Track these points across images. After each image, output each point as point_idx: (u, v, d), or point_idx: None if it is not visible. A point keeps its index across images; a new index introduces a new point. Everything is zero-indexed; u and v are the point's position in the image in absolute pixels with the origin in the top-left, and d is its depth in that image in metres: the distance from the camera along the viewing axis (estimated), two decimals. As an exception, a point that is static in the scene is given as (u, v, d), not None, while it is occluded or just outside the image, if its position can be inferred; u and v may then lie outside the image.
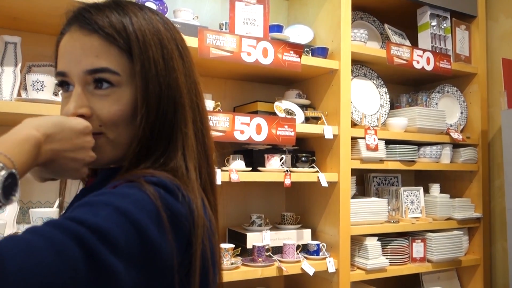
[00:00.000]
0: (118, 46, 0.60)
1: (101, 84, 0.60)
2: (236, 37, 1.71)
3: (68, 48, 0.61)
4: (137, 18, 0.61)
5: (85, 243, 0.43)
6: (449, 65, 2.31)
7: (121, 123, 0.60)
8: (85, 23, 0.60)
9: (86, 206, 0.49)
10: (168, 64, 0.62)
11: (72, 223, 0.45)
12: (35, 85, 1.42)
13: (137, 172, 0.58)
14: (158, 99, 0.60)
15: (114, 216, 0.47)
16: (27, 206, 1.60)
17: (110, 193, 0.52)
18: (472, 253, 2.46)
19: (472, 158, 2.42)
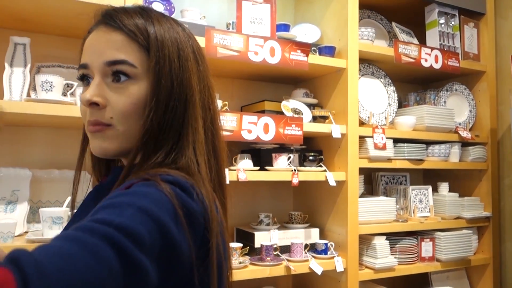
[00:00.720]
0: (138, 42, 0.64)
1: (119, 77, 0.63)
2: (243, 37, 1.71)
3: (93, 42, 0.66)
4: (159, 22, 0.66)
5: (115, 243, 0.45)
6: (458, 63, 2.29)
7: (133, 116, 0.63)
8: (111, 21, 0.65)
9: (109, 208, 0.50)
10: (182, 65, 0.65)
11: (100, 225, 0.47)
12: (44, 86, 1.43)
13: (152, 170, 0.60)
14: (168, 94, 0.63)
15: (138, 215, 0.49)
16: (37, 206, 1.61)
17: (131, 193, 0.53)
18: (482, 253, 2.44)
19: (481, 157, 2.40)
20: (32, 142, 1.72)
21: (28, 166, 1.62)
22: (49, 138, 1.75)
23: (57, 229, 1.40)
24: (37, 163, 1.71)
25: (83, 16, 1.56)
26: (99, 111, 0.64)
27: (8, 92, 1.46)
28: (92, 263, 0.43)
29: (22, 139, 1.70)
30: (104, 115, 0.63)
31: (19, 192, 1.55)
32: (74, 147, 1.87)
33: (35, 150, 1.72)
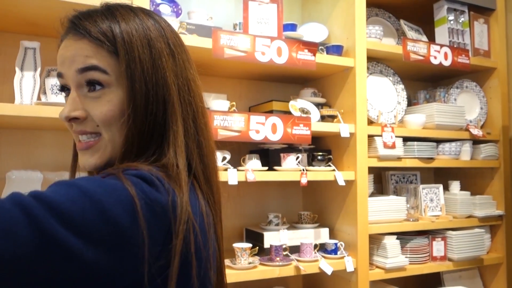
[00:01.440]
0: (105, 48, 0.61)
1: (94, 87, 0.62)
2: (250, 37, 1.71)
3: (63, 52, 0.64)
4: (125, 21, 0.63)
5: (29, 211, 0.44)
6: (468, 59, 2.27)
7: (114, 123, 0.62)
8: (76, 29, 0.63)
9: (51, 186, 0.50)
10: (155, 63, 0.62)
11: (26, 196, 0.46)
12: (54, 89, 1.45)
13: (120, 166, 0.59)
14: (145, 98, 0.61)
15: (73, 193, 0.48)
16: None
17: (81, 178, 0.52)
18: (495, 251, 2.41)
19: (493, 155, 2.37)
20: (43, 144, 1.74)
21: (39, 168, 1.64)
22: (59, 140, 1.77)
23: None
24: (48, 165, 1.73)
25: (91, 19, 1.58)
26: (82, 124, 0.64)
27: (19, 95, 1.48)
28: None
29: (33, 142, 1.73)
30: (88, 125, 0.63)
31: (30, 194, 1.57)
32: (84, 149, 1.89)
33: (46, 152, 1.75)
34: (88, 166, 0.65)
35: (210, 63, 1.84)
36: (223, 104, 1.78)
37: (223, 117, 1.65)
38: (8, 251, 0.42)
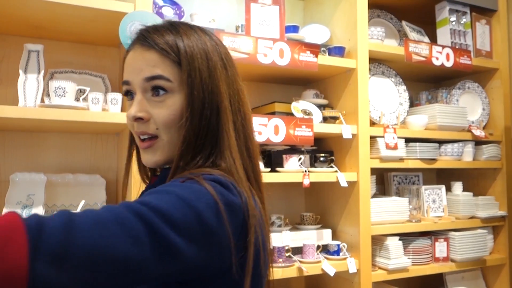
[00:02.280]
0: (170, 59, 0.70)
1: (158, 92, 0.70)
2: (252, 39, 1.72)
3: (131, 61, 0.72)
4: (187, 36, 0.72)
5: (146, 219, 0.52)
6: (470, 60, 2.27)
7: (173, 126, 0.70)
8: (145, 41, 0.71)
9: (151, 194, 0.58)
10: (212, 74, 0.70)
11: (137, 204, 0.54)
12: (57, 91, 1.46)
13: (195, 170, 0.67)
14: (201, 104, 0.69)
15: (174, 200, 0.56)
16: (52, 210, 1.64)
17: (173, 185, 0.61)
18: (497, 252, 2.41)
19: (495, 155, 2.37)
20: (47, 147, 1.75)
21: (43, 170, 1.65)
22: (63, 143, 1.78)
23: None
24: (52, 167, 1.74)
25: (95, 22, 1.58)
26: (144, 124, 0.71)
27: (23, 98, 1.49)
28: (119, 232, 0.49)
29: (37, 144, 1.74)
30: (150, 127, 0.71)
31: (34, 196, 1.58)
32: (87, 152, 1.91)
33: (50, 155, 1.75)
34: (150, 163, 0.73)
35: (213, 65, 1.84)
36: (226, 105, 1.78)
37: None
38: (138, 255, 0.50)
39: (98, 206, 1.72)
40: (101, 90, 1.76)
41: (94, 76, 1.79)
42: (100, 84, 1.79)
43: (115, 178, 1.84)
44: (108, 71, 1.84)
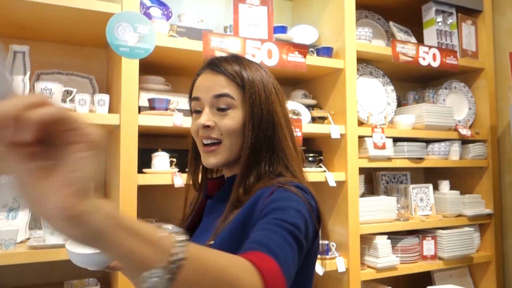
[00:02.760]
0: (236, 83, 0.88)
1: (223, 109, 0.87)
2: (240, 39, 1.72)
3: (203, 82, 0.90)
4: (249, 68, 0.90)
5: (293, 233, 0.69)
6: (456, 60, 2.30)
7: (234, 134, 0.87)
8: (216, 67, 0.89)
9: (279, 210, 0.73)
10: (267, 97, 0.89)
11: (283, 223, 0.70)
12: (44, 93, 1.45)
13: (279, 180, 0.82)
14: (259, 119, 0.87)
15: (296, 214, 0.73)
16: (39, 212, 1.62)
17: (283, 199, 0.76)
18: (484, 250, 2.44)
19: (481, 154, 2.41)
20: (33, 148, 1.73)
21: (29, 172, 1.63)
22: (50, 144, 1.76)
23: (59, 235, 1.41)
24: (39, 169, 1.72)
25: (82, 23, 1.57)
26: (210, 131, 0.87)
27: (8, 100, 1.47)
28: (289, 248, 0.67)
29: (23, 146, 1.72)
30: (214, 133, 0.87)
31: (20, 199, 1.56)
32: (75, 153, 1.88)
33: (36, 156, 1.73)
34: (210, 165, 0.89)
35: (201, 65, 1.84)
36: (214, 106, 1.78)
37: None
38: (296, 260, 0.68)
39: (86, 208, 1.70)
40: (89, 91, 1.75)
41: (81, 77, 1.78)
42: (88, 85, 1.78)
43: (102, 180, 1.82)
44: (96, 72, 1.83)
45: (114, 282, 1.51)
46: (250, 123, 0.86)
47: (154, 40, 1.55)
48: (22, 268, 1.64)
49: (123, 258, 0.43)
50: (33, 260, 1.36)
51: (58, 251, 1.39)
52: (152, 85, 1.80)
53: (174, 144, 1.96)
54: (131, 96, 1.52)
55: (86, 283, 1.56)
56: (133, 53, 1.51)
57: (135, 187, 1.50)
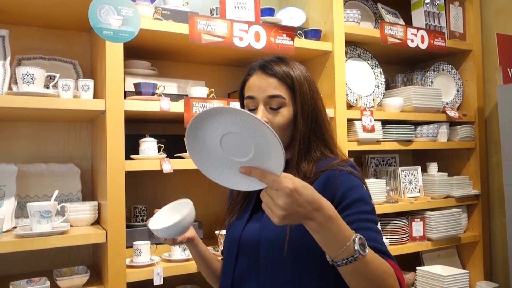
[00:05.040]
0: (286, 83, 1.01)
1: (275, 108, 1.00)
2: (227, 22, 1.69)
3: (257, 83, 1.02)
4: (295, 68, 1.03)
5: (376, 221, 0.92)
6: (444, 42, 2.29)
7: (284, 129, 1.00)
8: (268, 69, 1.02)
9: (360, 201, 0.91)
10: (312, 95, 1.03)
11: (369, 215, 0.91)
12: (25, 78, 1.41)
13: (335, 162, 0.97)
14: (307, 114, 1.01)
15: (370, 202, 0.94)
16: (25, 200, 1.59)
17: (355, 186, 0.93)
18: (471, 230, 2.48)
19: (469, 136, 2.42)
20: (17, 136, 1.69)
21: (13, 161, 1.59)
22: (33, 131, 1.72)
23: (46, 223, 1.39)
24: (23, 157, 1.69)
25: (62, 5, 1.52)
26: None
27: (-11, 86, 1.43)
28: (380, 236, 0.91)
29: (6, 133, 1.68)
30: None
31: (5, 187, 1.53)
32: (60, 140, 1.86)
33: (20, 144, 1.70)
34: None
35: (187, 49, 1.81)
36: (202, 91, 1.76)
37: (202, 103, 1.63)
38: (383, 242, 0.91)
39: (73, 196, 1.68)
40: (72, 77, 1.71)
41: (64, 62, 1.73)
42: (71, 70, 1.73)
43: (89, 166, 1.80)
44: (79, 56, 1.78)
45: (104, 269, 1.50)
46: (301, 117, 1.00)
47: (139, 23, 1.51)
48: (9, 257, 1.62)
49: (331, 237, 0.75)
50: (20, 249, 1.34)
51: (45, 239, 1.37)
52: (138, 70, 1.76)
53: (162, 130, 1.94)
54: (116, 81, 1.48)
55: (75, 271, 1.54)
56: (117, 37, 1.47)
57: (123, 173, 1.48)
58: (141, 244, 1.57)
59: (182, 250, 1.62)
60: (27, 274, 1.57)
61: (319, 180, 0.94)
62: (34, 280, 1.42)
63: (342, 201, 0.91)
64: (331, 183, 0.93)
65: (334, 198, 0.91)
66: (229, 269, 1.02)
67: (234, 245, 1.02)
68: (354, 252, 0.74)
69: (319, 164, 0.99)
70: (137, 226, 1.70)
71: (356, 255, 0.74)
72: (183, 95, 1.76)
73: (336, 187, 0.92)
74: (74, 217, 1.54)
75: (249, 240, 0.98)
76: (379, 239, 0.89)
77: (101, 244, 1.51)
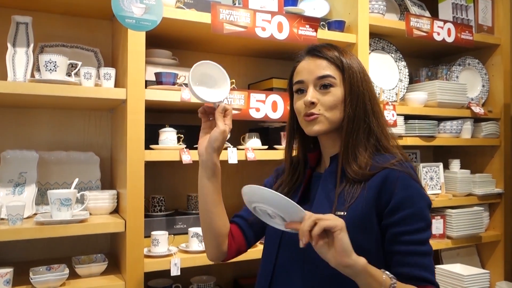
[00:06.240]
0: (335, 64, 0.99)
1: (325, 86, 0.98)
2: (250, 12, 1.66)
3: (306, 66, 1.01)
4: (345, 54, 1.01)
5: (427, 240, 0.92)
6: (471, 36, 2.22)
7: (334, 108, 0.98)
8: (317, 53, 1.01)
9: (416, 217, 0.90)
10: (363, 79, 1.01)
11: (423, 234, 0.91)
12: (48, 66, 1.40)
13: (394, 161, 0.94)
14: (356, 95, 0.98)
15: (426, 217, 0.91)
16: (45, 188, 1.61)
17: (416, 196, 0.91)
18: (493, 229, 2.42)
19: (493, 133, 2.36)
20: (38, 123, 1.70)
21: (34, 148, 1.60)
22: (55, 119, 1.73)
23: (66, 211, 1.40)
24: (44, 145, 1.70)
25: (85, -8, 1.51)
26: (312, 107, 0.98)
27: (12, 72, 1.43)
28: (428, 259, 0.91)
29: (28, 121, 1.69)
30: (316, 109, 0.98)
31: (26, 174, 1.54)
32: (80, 129, 1.86)
33: (41, 131, 1.71)
34: (312, 132, 0.99)
35: (209, 39, 1.78)
36: (222, 81, 1.73)
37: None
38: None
39: (93, 184, 1.68)
40: (94, 65, 1.70)
41: (86, 50, 1.73)
42: (92, 59, 1.73)
43: (109, 155, 1.80)
44: (101, 45, 1.78)
45: (122, 258, 1.51)
46: (349, 98, 0.97)
47: (161, 11, 1.49)
48: (30, 243, 1.63)
49: (365, 285, 0.80)
50: (41, 236, 1.35)
51: (65, 226, 1.37)
52: (159, 59, 1.75)
53: (182, 120, 1.93)
54: (138, 70, 1.47)
55: (93, 259, 1.55)
56: (140, 25, 1.45)
57: (142, 163, 1.47)
58: (159, 234, 1.57)
59: (200, 241, 1.61)
60: (47, 260, 1.59)
61: (377, 177, 0.92)
62: (53, 267, 1.43)
63: (398, 210, 0.89)
64: (389, 184, 0.90)
65: (389, 201, 0.89)
66: (270, 259, 1.01)
67: (277, 235, 1.00)
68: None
69: (376, 158, 0.96)
70: (155, 216, 1.70)
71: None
72: (204, 86, 1.74)
73: (394, 191, 0.90)
74: (93, 206, 1.55)
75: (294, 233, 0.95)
76: (426, 263, 0.89)
77: (119, 233, 1.51)
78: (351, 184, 0.94)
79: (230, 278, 2.05)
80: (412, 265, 0.87)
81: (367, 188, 0.91)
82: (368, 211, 0.90)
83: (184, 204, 1.88)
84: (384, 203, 0.90)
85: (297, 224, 0.80)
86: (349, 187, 0.93)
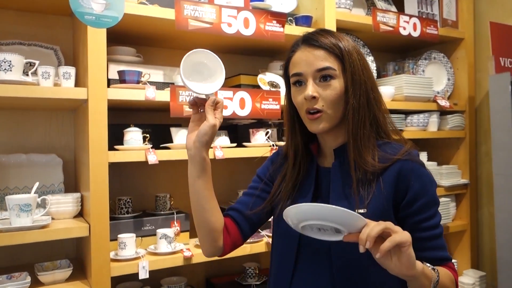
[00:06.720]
0: (334, 54, 0.93)
1: (325, 78, 0.93)
2: (215, 7, 1.62)
3: (303, 57, 0.95)
4: (342, 39, 0.96)
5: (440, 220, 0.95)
6: (436, 30, 2.26)
7: (336, 103, 0.93)
8: (313, 42, 0.94)
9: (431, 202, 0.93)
10: (363, 66, 0.96)
11: (438, 217, 0.94)
12: (3, 65, 1.34)
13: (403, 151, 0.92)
14: (359, 84, 0.94)
15: (437, 200, 0.95)
16: (4, 193, 1.54)
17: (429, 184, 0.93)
18: (460, 219, 2.48)
19: (459, 125, 2.41)
20: (-5, 125, 1.63)
21: (-8, 151, 1.53)
22: (13, 121, 1.65)
23: (25, 217, 1.34)
24: (2, 147, 1.62)
25: (40, -12, 1.45)
26: (314, 101, 0.93)
27: (-37, 73, 1.36)
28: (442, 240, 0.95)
29: (-16, 122, 1.61)
30: (318, 103, 0.93)
31: (-17, 179, 1.47)
32: (41, 130, 1.79)
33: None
34: (317, 130, 0.95)
35: (174, 35, 1.74)
36: (189, 79, 1.70)
37: (190, 92, 1.58)
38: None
39: (55, 187, 1.62)
40: (53, 63, 1.64)
41: (45, 48, 1.66)
42: (52, 57, 1.66)
43: (72, 157, 1.74)
44: (61, 42, 1.71)
45: (88, 264, 1.46)
46: (351, 89, 0.93)
47: (123, 7, 1.44)
48: (-11, 251, 1.56)
49: (418, 286, 0.81)
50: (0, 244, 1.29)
51: (25, 233, 1.32)
52: (122, 57, 1.69)
53: (147, 119, 1.88)
54: (99, 68, 1.42)
55: (58, 265, 1.50)
56: (100, 22, 1.40)
57: (106, 164, 1.42)
58: (126, 237, 1.53)
59: (168, 243, 1.58)
60: (9, 269, 1.52)
61: (391, 171, 0.91)
62: (14, 276, 1.38)
63: (415, 201, 0.90)
64: (403, 177, 0.90)
65: (406, 193, 0.90)
66: (288, 258, 0.96)
67: (294, 232, 0.87)
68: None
69: (382, 147, 0.94)
70: (122, 219, 1.65)
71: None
72: (169, 83, 1.70)
73: (409, 183, 0.90)
74: (55, 210, 1.49)
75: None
76: (443, 243, 0.94)
77: (84, 237, 1.47)
78: (365, 179, 0.91)
79: (202, 278, 2.03)
80: (433, 249, 0.90)
81: (383, 183, 0.90)
82: (387, 207, 0.89)
83: (152, 205, 1.84)
84: (401, 197, 0.90)
85: (356, 235, 0.76)
86: (364, 182, 0.91)
